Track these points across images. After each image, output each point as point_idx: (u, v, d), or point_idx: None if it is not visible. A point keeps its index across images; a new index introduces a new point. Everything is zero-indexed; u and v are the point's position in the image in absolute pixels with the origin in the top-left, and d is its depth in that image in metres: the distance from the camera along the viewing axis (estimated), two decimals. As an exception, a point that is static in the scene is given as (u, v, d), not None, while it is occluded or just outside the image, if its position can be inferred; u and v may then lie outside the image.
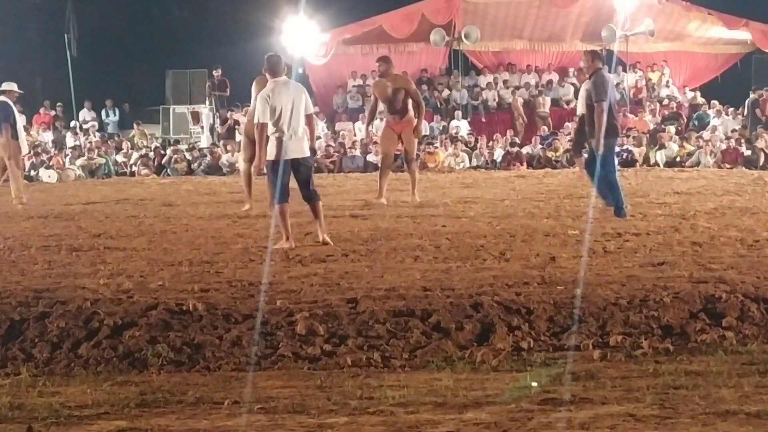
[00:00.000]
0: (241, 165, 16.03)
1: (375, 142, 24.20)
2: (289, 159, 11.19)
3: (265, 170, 11.47)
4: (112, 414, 5.51)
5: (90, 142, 29.43)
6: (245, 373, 6.38)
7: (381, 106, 16.49)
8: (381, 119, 19.13)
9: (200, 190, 20.58)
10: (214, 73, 30.69)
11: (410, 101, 15.96)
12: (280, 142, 11.10)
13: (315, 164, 26.68)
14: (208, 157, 27.29)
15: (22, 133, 18.09)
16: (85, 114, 32.62)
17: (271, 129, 11.11)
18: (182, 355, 6.81)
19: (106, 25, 36.85)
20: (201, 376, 6.42)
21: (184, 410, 5.52)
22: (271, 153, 11.16)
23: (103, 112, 33.02)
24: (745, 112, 29.84)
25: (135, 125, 32.17)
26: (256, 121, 11.32)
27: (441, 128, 30.04)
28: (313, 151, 11.77)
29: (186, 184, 22.90)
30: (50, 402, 5.66)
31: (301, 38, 29.83)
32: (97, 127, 32.04)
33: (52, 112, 32.72)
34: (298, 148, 11.27)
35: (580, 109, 13.98)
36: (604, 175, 13.32)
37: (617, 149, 14.85)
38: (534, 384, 6.00)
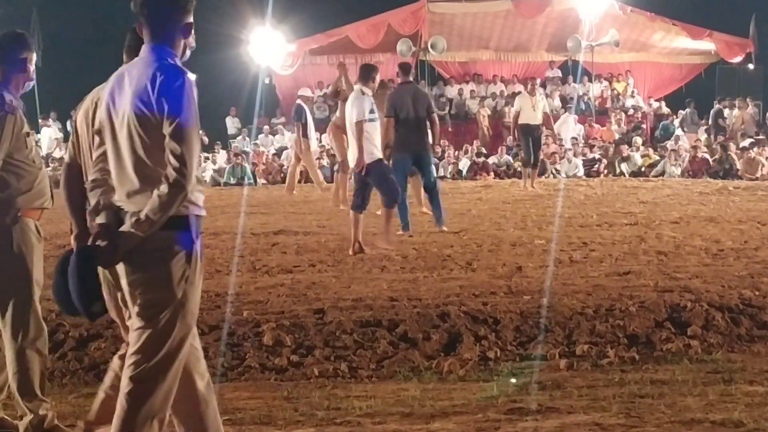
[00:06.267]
0: None
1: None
2: None
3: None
4: (78, 426, 5.48)
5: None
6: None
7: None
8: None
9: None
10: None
11: None
12: None
13: (282, 174, 26.88)
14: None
15: (312, 133, 20.75)
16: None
17: None
18: (148, 366, 6.77)
19: (71, 36, 36.63)
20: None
21: (150, 422, 5.49)
22: None
23: (68, 123, 32.79)
24: (710, 122, 30.09)
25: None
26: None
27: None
28: None
29: (152, 195, 22.79)
30: (15, 414, 5.61)
31: (268, 48, 29.81)
32: (62, 137, 31.84)
33: (17, 123, 32.50)
34: None
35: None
36: None
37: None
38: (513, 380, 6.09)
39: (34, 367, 5.34)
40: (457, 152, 28.20)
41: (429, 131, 13.88)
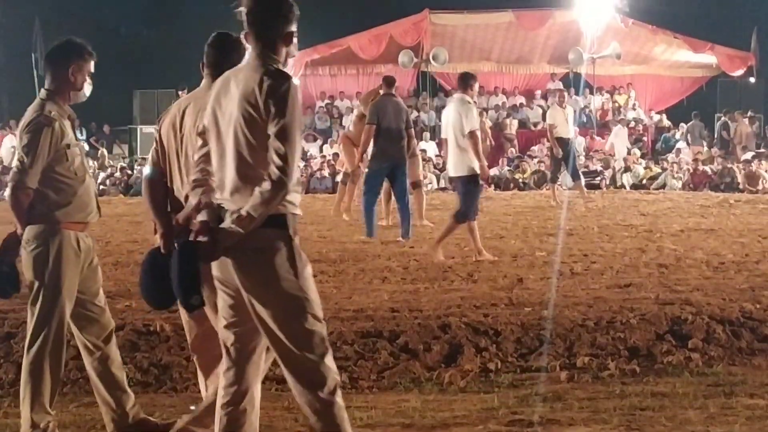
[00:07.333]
0: None
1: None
2: None
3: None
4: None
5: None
6: (212, 395, 6.35)
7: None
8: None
9: (167, 211, 20.45)
10: (180, 92, 30.58)
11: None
12: None
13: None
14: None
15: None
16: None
17: None
18: (149, 376, 6.78)
19: (73, 44, 36.67)
20: (168, 397, 6.40)
21: None
22: None
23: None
24: (715, 135, 30.14)
25: (99, 146, 32.07)
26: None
27: (409, 149, 30.03)
28: None
29: (153, 204, 22.77)
30: (16, 423, 5.61)
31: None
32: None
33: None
34: None
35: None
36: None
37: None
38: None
39: (46, 380, 5.34)
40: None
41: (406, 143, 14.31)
